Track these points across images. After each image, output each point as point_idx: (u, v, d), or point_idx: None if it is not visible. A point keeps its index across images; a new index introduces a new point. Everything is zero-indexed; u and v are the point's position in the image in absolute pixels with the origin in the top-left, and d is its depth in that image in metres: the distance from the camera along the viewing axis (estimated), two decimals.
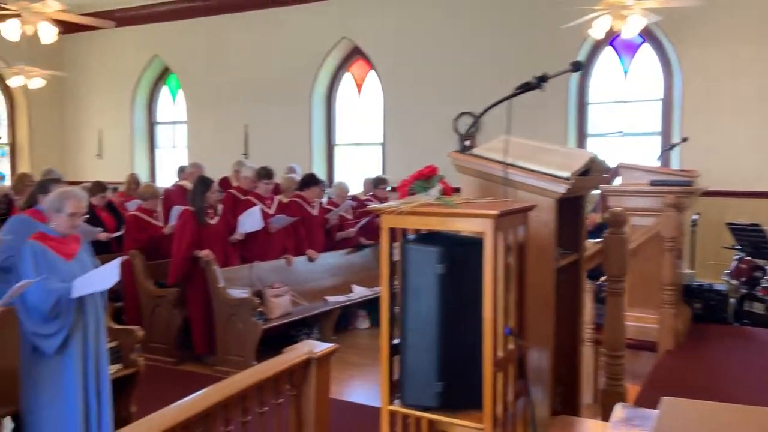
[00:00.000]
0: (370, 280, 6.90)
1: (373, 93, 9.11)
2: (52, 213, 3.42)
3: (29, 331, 3.32)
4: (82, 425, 3.42)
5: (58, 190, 3.55)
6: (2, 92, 10.67)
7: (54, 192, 3.54)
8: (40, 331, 3.30)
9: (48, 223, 3.49)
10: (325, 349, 3.39)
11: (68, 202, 3.41)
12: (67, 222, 3.41)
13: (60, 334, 3.31)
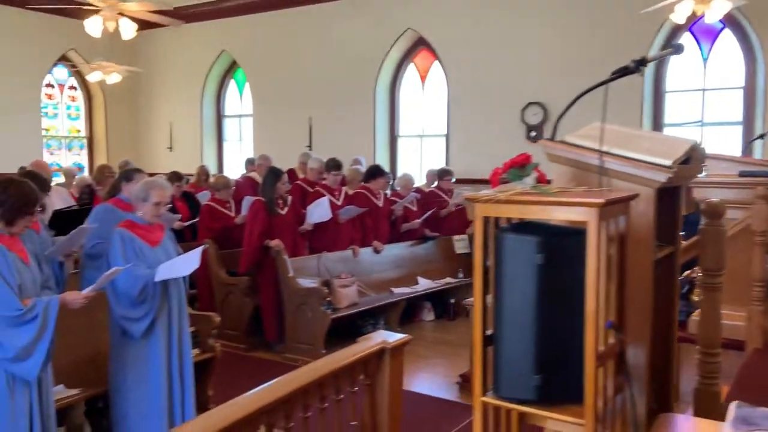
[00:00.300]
0: (435, 272, 6.89)
1: (436, 84, 9.03)
2: (139, 202, 3.56)
3: (118, 315, 3.48)
4: (165, 406, 3.56)
5: (144, 180, 3.70)
6: (81, 88, 11.19)
7: (140, 182, 3.69)
8: (129, 315, 3.45)
9: (134, 211, 3.64)
10: (399, 340, 3.39)
11: (153, 192, 3.54)
12: (152, 211, 3.54)
13: (147, 318, 3.45)
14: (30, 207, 2.85)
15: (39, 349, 2.73)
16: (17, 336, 2.69)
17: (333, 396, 3.04)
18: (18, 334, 2.70)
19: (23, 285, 2.80)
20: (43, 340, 2.74)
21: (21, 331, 2.70)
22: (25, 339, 2.70)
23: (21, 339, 2.69)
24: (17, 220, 2.81)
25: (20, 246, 2.92)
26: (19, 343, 2.69)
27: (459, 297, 6.84)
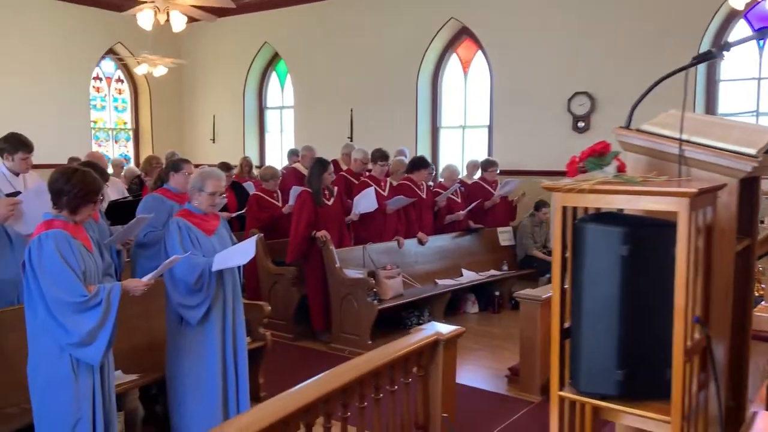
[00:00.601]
0: (479, 264, 6.83)
1: (480, 74, 8.91)
2: (194, 192, 3.61)
3: (175, 302, 3.54)
4: (220, 392, 3.62)
5: (199, 170, 3.75)
6: (128, 80, 11.43)
7: (196, 172, 3.74)
8: (186, 303, 3.51)
9: (182, 200, 3.69)
10: (453, 331, 3.37)
11: (209, 182, 3.59)
12: (207, 200, 3.59)
13: (203, 305, 3.50)
14: (93, 196, 2.91)
15: (102, 334, 2.79)
16: (82, 322, 2.76)
17: (387, 387, 3.05)
18: (82, 320, 2.76)
19: (87, 272, 2.87)
20: (106, 326, 2.80)
21: (85, 316, 2.77)
22: (90, 324, 2.76)
23: (85, 324, 2.76)
24: (81, 208, 2.88)
25: (84, 234, 2.99)
26: (84, 328, 2.75)
27: (504, 289, 6.78)
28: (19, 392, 3.19)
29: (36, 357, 2.82)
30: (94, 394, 2.89)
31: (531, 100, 8.14)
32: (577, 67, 7.81)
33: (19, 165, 4.06)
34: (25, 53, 9.53)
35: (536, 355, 4.31)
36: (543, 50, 8.03)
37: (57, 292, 2.72)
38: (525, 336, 4.34)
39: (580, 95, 7.79)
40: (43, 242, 2.77)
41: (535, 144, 8.11)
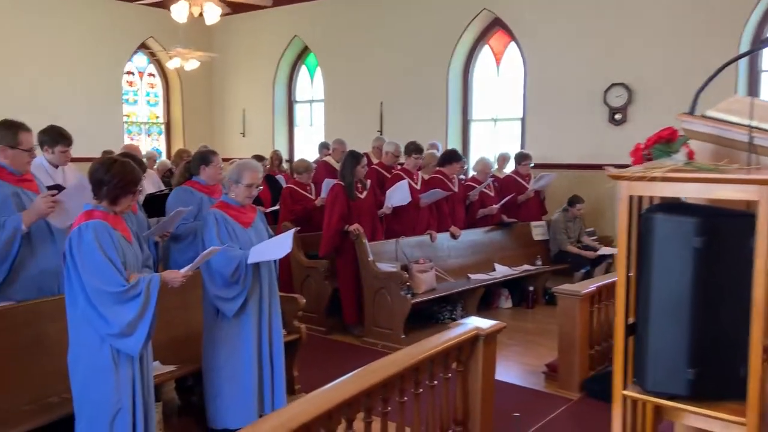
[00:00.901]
0: (512, 258, 6.73)
1: (512, 66, 8.76)
2: (231, 184, 3.59)
3: (212, 294, 3.54)
4: (256, 384, 3.61)
5: (237, 162, 3.73)
6: (159, 75, 11.53)
7: (233, 164, 3.72)
8: (222, 295, 3.50)
9: (227, 193, 3.68)
10: (493, 327, 3.30)
11: (246, 174, 3.57)
12: (244, 192, 3.57)
13: (239, 298, 3.49)
14: (132, 186, 2.90)
15: (142, 325, 2.78)
16: (122, 312, 2.76)
17: (427, 382, 3.00)
18: (122, 311, 2.76)
19: (127, 263, 2.87)
20: (146, 317, 2.79)
21: (125, 307, 2.76)
22: (129, 315, 2.75)
23: (125, 315, 2.75)
24: (120, 198, 2.87)
25: (124, 225, 2.98)
26: (123, 319, 2.75)
27: (537, 284, 6.67)
28: (60, 382, 3.21)
29: (76, 347, 2.83)
30: (134, 384, 2.89)
31: (565, 92, 7.97)
32: (613, 58, 7.61)
33: (59, 157, 4.09)
34: (60, 49, 9.67)
35: (575, 351, 4.21)
36: (578, 40, 7.85)
37: (96, 283, 2.72)
38: (563, 332, 4.24)
39: (617, 86, 7.59)
40: (83, 232, 2.77)
41: (570, 137, 7.94)
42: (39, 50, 9.43)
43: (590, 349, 4.35)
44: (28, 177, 3.38)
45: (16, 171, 3.30)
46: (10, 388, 3.09)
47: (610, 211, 7.68)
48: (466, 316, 6.02)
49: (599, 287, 4.34)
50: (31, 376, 3.17)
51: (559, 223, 6.89)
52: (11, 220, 3.19)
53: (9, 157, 3.26)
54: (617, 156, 7.67)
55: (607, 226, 7.63)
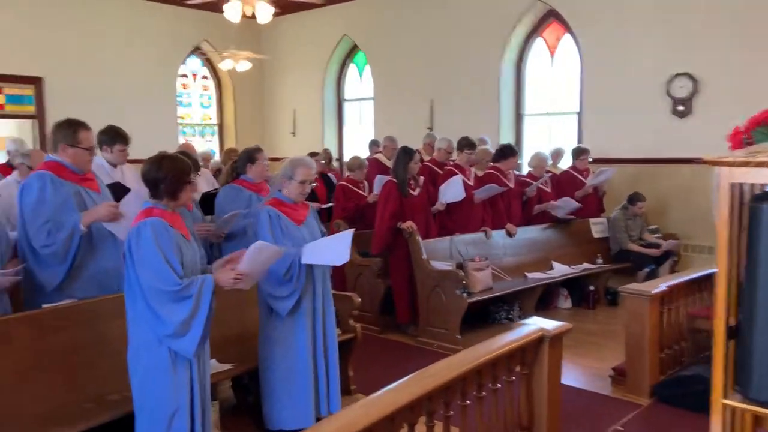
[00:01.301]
0: (570, 257, 6.49)
1: (567, 58, 8.47)
2: (285, 180, 3.54)
3: (265, 292, 3.50)
4: (311, 383, 3.55)
5: (290, 158, 3.67)
6: (212, 77, 11.72)
7: (286, 161, 3.66)
8: (275, 293, 3.46)
9: (280, 189, 3.63)
10: (559, 328, 3.13)
11: (299, 170, 3.51)
12: (297, 189, 3.52)
13: (292, 297, 3.44)
14: (185, 176, 2.86)
15: (195, 326, 2.74)
16: (175, 311, 2.72)
17: (490, 385, 2.86)
18: (176, 310, 2.72)
19: (185, 261, 2.83)
20: (198, 318, 2.74)
21: (178, 306, 2.72)
22: (182, 315, 2.71)
23: (178, 315, 2.71)
24: (179, 192, 2.85)
25: (182, 222, 2.96)
26: (176, 318, 2.71)
27: (598, 284, 6.40)
28: (121, 379, 3.21)
29: (136, 346, 2.83)
30: (192, 384, 2.87)
31: (625, 84, 7.63)
32: (676, 47, 7.24)
33: (117, 156, 4.15)
34: (118, 53, 9.94)
35: (645, 354, 3.98)
36: (638, 30, 7.51)
37: (152, 281, 2.70)
38: (632, 333, 4.02)
39: (681, 77, 7.21)
40: (141, 230, 2.76)
41: (630, 130, 7.60)
42: (98, 55, 9.71)
43: (660, 353, 4.11)
44: (89, 176, 3.42)
45: (78, 170, 3.33)
46: (72, 385, 3.12)
47: (674, 207, 7.32)
48: (523, 316, 5.84)
49: (670, 287, 4.10)
50: (92, 373, 3.20)
51: (619, 221, 6.59)
52: (70, 219, 3.22)
53: (70, 155, 3.30)
54: (681, 149, 7.33)
55: (671, 223, 7.27)
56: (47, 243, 3.14)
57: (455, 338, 5.01)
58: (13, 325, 2.97)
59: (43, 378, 3.03)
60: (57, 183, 3.21)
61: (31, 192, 3.16)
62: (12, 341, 2.95)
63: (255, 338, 4.01)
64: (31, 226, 3.15)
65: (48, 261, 3.19)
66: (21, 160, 4.12)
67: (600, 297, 6.36)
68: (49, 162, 3.29)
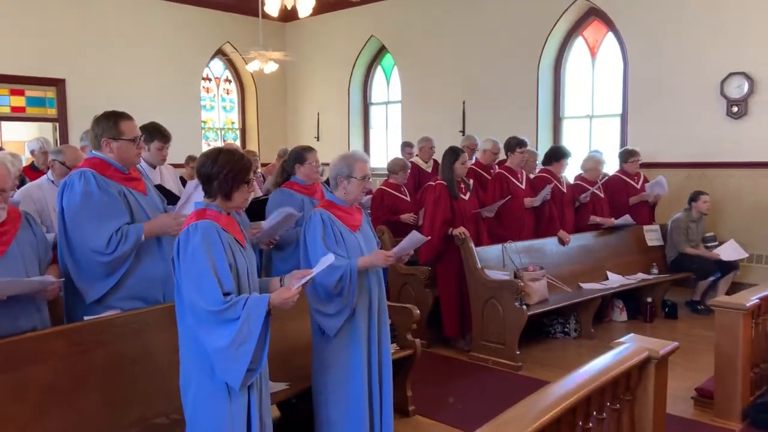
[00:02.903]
0: (625, 266, 6.11)
1: (610, 58, 8.11)
2: (342, 180, 3.18)
3: (312, 307, 3.12)
4: (366, 408, 3.17)
5: (341, 155, 3.30)
6: (235, 80, 11.46)
7: (337, 158, 3.29)
8: (323, 310, 3.07)
9: (332, 191, 3.28)
10: (668, 348, 2.76)
11: (357, 165, 3.15)
12: (359, 186, 3.15)
13: (341, 314, 3.06)
14: (244, 174, 2.51)
15: (241, 354, 2.33)
16: (216, 336, 2.32)
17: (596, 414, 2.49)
18: (215, 334, 2.32)
19: (238, 270, 2.46)
20: (246, 347, 2.33)
21: (219, 331, 2.32)
22: (223, 342, 2.31)
23: (218, 341, 2.32)
24: (234, 192, 2.50)
25: (237, 227, 2.60)
26: (217, 344, 2.32)
27: (655, 295, 6.00)
28: (168, 401, 2.89)
29: (187, 367, 2.47)
30: (250, 412, 2.50)
31: (674, 84, 7.26)
32: (731, 45, 6.86)
33: (155, 155, 3.84)
34: (141, 56, 9.70)
35: (737, 374, 3.59)
36: (688, 27, 7.14)
37: (194, 295, 2.33)
38: (722, 352, 3.63)
39: (736, 76, 6.83)
40: (191, 234, 2.40)
41: (680, 133, 7.22)
42: (122, 59, 9.47)
43: (750, 371, 3.72)
44: (134, 175, 3.08)
45: (123, 167, 3.00)
46: (115, 405, 2.78)
47: (729, 215, 6.92)
48: (579, 330, 5.47)
49: (762, 298, 3.71)
50: (137, 392, 2.86)
51: (681, 222, 6.18)
52: (134, 230, 2.89)
53: (114, 150, 2.96)
54: (737, 152, 6.93)
55: (725, 231, 6.86)
56: (108, 251, 2.81)
57: (514, 354, 4.64)
58: (50, 340, 2.64)
59: (82, 399, 2.69)
60: (102, 182, 2.88)
61: (74, 192, 2.83)
62: (48, 359, 2.62)
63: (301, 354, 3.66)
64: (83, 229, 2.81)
65: (95, 271, 2.85)
66: (54, 158, 3.78)
67: (657, 309, 5.96)
68: (91, 159, 2.96)
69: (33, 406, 2.53)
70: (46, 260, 2.77)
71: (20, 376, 2.51)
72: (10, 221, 2.63)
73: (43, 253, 2.74)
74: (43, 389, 2.58)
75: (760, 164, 6.72)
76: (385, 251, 3.09)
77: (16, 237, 2.63)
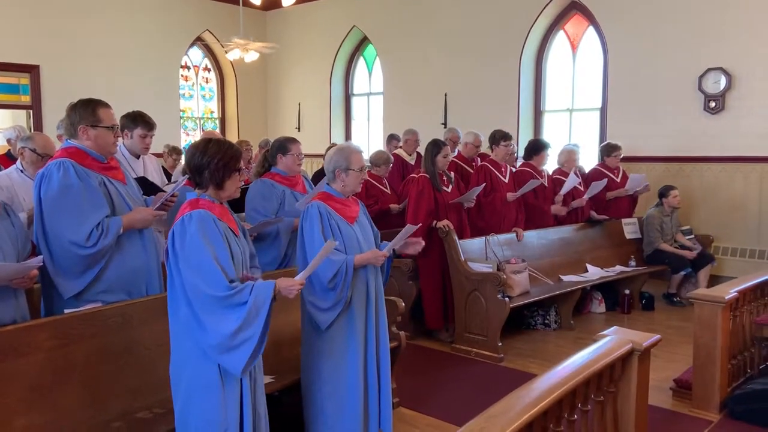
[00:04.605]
0: (604, 259, 6.19)
1: (590, 52, 8.18)
2: (340, 172, 3.16)
3: (306, 299, 3.12)
4: (362, 399, 3.18)
5: (335, 148, 3.29)
6: (214, 69, 11.30)
7: (332, 152, 3.27)
8: (316, 303, 3.08)
9: (328, 183, 3.26)
10: (651, 340, 2.81)
11: (353, 157, 3.16)
12: (357, 178, 3.16)
13: (334, 309, 3.06)
14: (235, 163, 2.51)
15: (246, 339, 2.35)
16: (223, 321, 2.34)
17: (581, 406, 2.53)
18: (223, 319, 2.34)
19: (234, 258, 2.47)
20: (251, 330, 2.35)
21: (228, 315, 2.34)
22: (231, 326, 2.33)
23: (226, 325, 2.33)
24: (226, 181, 2.50)
25: (230, 216, 2.61)
26: (224, 329, 2.34)
27: (633, 287, 6.10)
28: (151, 394, 2.87)
29: (179, 359, 2.46)
30: (242, 402, 2.50)
31: (653, 79, 7.36)
32: (709, 40, 6.96)
33: (138, 143, 3.76)
34: (118, 43, 9.50)
35: (716, 366, 3.67)
36: (668, 22, 7.22)
37: (197, 282, 2.33)
38: (701, 344, 3.70)
39: (714, 71, 6.94)
40: (186, 224, 2.40)
41: (658, 127, 7.32)
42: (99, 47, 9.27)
43: (728, 363, 3.81)
44: (113, 164, 3.01)
45: (100, 156, 2.93)
46: (98, 400, 2.74)
47: (705, 208, 7.06)
48: (559, 321, 5.54)
49: (741, 291, 3.79)
50: (120, 386, 2.82)
51: (654, 218, 6.28)
52: (114, 224, 2.83)
53: (92, 137, 2.88)
54: (713, 147, 7.06)
55: (701, 224, 7.00)
56: (88, 245, 2.75)
57: (496, 346, 4.69)
58: (32, 333, 2.58)
59: (65, 393, 2.64)
60: (81, 172, 2.81)
61: (52, 183, 2.75)
62: (30, 352, 2.57)
63: (287, 347, 3.65)
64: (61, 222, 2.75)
65: (74, 264, 2.78)
66: (23, 145, 3.57)
67: (634, 301, 6.07)
68: (68, 148, 2.87)
69: (15, 399, 2.49)
70: (25, 252, 2.70)
71: (2, 369, 2.46)
72: None
73: (22, 245, 2.67)
74: (26, 383, 2.53)
75: (736, 158, 6.86)
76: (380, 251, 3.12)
77: None
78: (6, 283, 2.49)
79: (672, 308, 6.15)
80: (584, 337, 5.05)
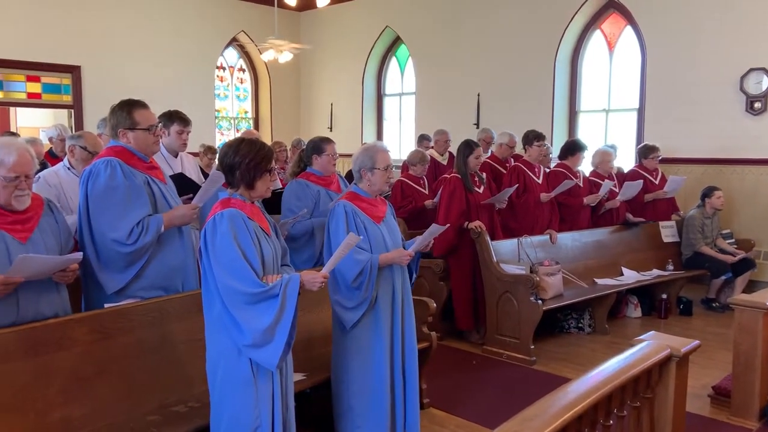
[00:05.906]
0: (640, 262, 6.06)
1: (628, 52, 8.02)
2: (365, 173, 3.18)
3: (332, 298, 3.15)
4: (389, 397, 3.18)
5: (362, 148, 3.30)
6: (249, 69, 11.45)
7: (358, 151, 3.29)
8: (341, 301, 3.10)
9: (356, 183, 3.27)
10: (690, 346, 2.74)
11: (379, 156, 3.17)
12: (383, 177, 3.17)
13: (359, 308, 3.08)
14: (266, 163, 2.54)
15: (279, 334, 2.39)
16: (256, 317, 2.38)
17: (617, 411, 2.48)
18: (256, 316, 2.38)
19: (265, 258, 2.50)
20: (283, 324, 2.39)
21: (259, 312, 2.38)
22: (265, 322, 2.37)
23: (259, 321, 2.37)
24: (256, 181, 2.52)
25: (261, 215, 2.63)
26: (258, 325, 2.37)
27: (671, 292, 5.96)
28: (187, 388, 2.92)
29: (214, 355, 2.50)
30: (274, 398, 2.52)
31: (693, 79, 7.18)
32: (751, 40, 6.76)
33: (175, 140, 3.83)
34: (156, 44, 9.70)
35: (755, 373, 3.56)
36: (708, 21, 7.04)
37: (229, 280, 2.37)
38: (741, 351, 3.60)
39: (756, 71, 6.74)
40: (217, 223, 2.44)
41: (698, 128, 7.14)
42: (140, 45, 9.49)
43: None
44: (154, 164, 3.08)
45: (144, 156, 3.00)
46: (134, 393, 2.80)
47: (745, 212, 6.86)
48: (594, 325, 5.45)
49: None
50: (156, 380, 2.88)
51: (695, 220, 6.12)
52: (154, 222, 2.89)
53: (131, 140, 2.96)
54: (756, 148, 6.86)
55: (742, 228, 6.81)
56: (129, 242, 2.82)
57: (528, 349, 4.63)
58: (72, 327, 2.65)
59: (103, 386, 2.71)
60: (128, 171, 2.88)
61: (99, 181, 2.83)
62: (71, 345, 2.64)
63: (318, 345, 3.67)
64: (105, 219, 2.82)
65: (116, 261, 2.85)
66: (74, 143, 3.73)
67: (672, 306, 5.93)
68: (115, 147, 2.95)
69: (55, 391, 2.56)
70: (68, 248, 2.78)
71: (43, 361, 2.53)
72: (33, 208, 2.64)
73: (65, 241, 2.75)
74: (66, 375, 2.60)
75: None
76: (406, 251, 3.12)
77: (39, 224, 2.64)
78: (48, 277, 2.57)
79: (710, 314, 5.99)
80: (619, 342, 4.96)
